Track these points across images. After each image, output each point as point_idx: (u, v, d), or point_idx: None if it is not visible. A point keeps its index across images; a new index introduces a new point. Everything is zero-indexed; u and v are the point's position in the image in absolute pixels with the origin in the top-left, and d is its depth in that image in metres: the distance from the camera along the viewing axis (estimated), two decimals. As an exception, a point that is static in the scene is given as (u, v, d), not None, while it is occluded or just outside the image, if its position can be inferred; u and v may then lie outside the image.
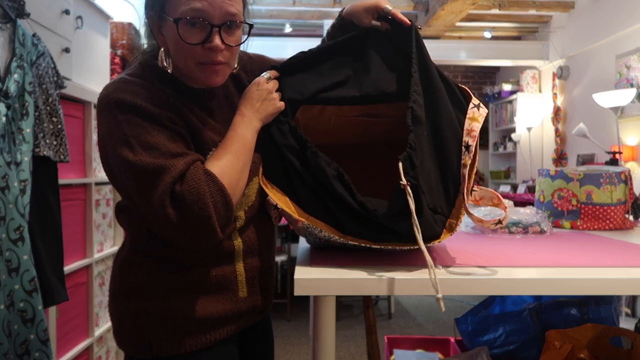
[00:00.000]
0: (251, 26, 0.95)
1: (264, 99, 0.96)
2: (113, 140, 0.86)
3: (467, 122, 0.95)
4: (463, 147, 0.94)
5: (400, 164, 0.86)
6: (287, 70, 1.01)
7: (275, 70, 1.00)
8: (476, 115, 0.95)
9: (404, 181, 0.85)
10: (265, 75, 0.99)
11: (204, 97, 0.98)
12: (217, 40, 0.88)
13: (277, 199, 0.95)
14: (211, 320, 0.95)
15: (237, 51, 0.96)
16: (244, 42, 0.95)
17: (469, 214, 0.91)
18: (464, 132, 0.94)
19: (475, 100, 0.98)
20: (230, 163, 0.89)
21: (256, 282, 1.01)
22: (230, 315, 0.98)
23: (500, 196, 0.93)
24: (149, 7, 0.93)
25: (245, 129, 0.93)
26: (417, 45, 0.98)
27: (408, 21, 0.98)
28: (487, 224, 0.90)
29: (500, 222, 0.88)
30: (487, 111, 0.97)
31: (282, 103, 0.97)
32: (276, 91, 0.99)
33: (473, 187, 0.95)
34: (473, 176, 0.95)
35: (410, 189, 0.85)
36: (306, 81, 1.00)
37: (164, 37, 0.93)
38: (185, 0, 0.86)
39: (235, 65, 0.99)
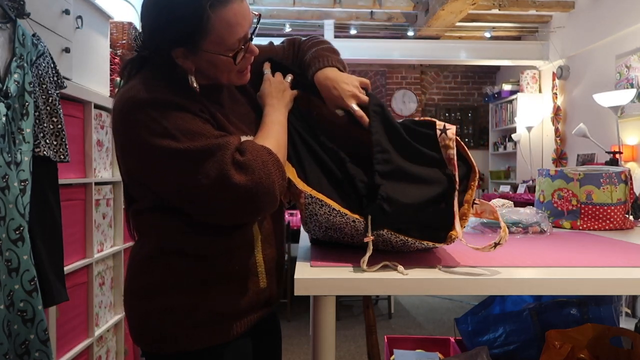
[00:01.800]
0: (259, 16, 1.01)
1: (281, 89, 1.07)
2: (151, 138, 0.87)
3: (442, 151, 0.98)
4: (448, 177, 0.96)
5: (370, 218, 0.93)
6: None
7: (269, 63, 1.12)
8: (447, 141, 0.97)
9: (369, 237, 0.92)
10: (267, 71, 1.11)
11: (212, 93, 1.01)
12: (254, 48, 0.99)
13: (286, 170, 1.00)
14: (234, 311, 0.98)
15: None
16: (255, 31, 0.99)
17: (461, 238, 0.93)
18: (444, 163, 0.97)
19: (439, 125, 0.99)
20: (276, 142, 0.97)
21: (273, 272, 1.06)
22: (252, 305, 1.01)
23: (497, 213, 0.97)
24: (176, 44, 0.92)
25: (278, 115, 1.03)
26: (374, 112, 1.01)
27: (367, 121, 1.02)
28: (484, 250, 0.90)
29: (497, 244, 0.88)
30: (454, 128, 0.98)
31: (295, 90, 1.09)
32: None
33: (475, 200, 0.99)
34: (474, 188, 0.99)
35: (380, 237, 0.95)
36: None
37: (191, 62, 0.94)
38: (229, 35, 0.91)
39: None
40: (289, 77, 1.10)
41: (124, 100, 0.91)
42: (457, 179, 0.95)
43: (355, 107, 1.02)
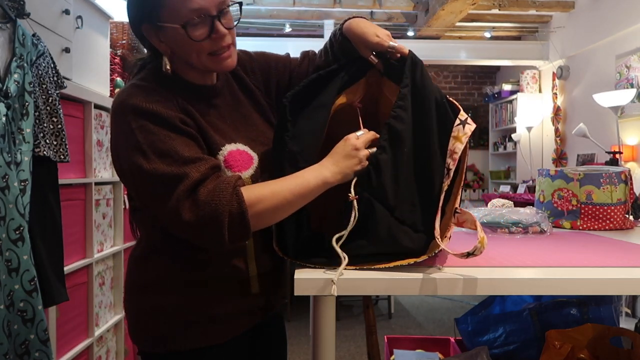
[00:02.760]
0: (241, 3, 0.97)
1: (346, 154, 0.93)
2: (127, 147, 0.89)
3: (451, 141, 0.92)
4: (445, 169, 0.91)
5: (355, 179, 0.89)
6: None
7: (368, 131, 0.99)
8: (460, 134, 0.91)
9: (352, 195, 0.88)
10: (359, 132, 0.98)
11: (210, 95, 1.01)
12: (221, 28, 0.92)
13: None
14: (225, 315, 0.98)
15: (234, 29, 0.98)
16: (239, 19, 0.97)
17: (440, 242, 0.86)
18: (447, 152, 0.92)
19: (462, 115, 0.94)
20: (272, 196, 0.88)
21: (268, 278, 1.04)
22: (244, 310, 1.01)
23: (479, 224, 0.88)
24: (142, 21, 0.94)
25: (311, 174, 0.92)
26: (411, 64, 0.97)
27: (406, 51, 1.00)
28: (458, 256, 0.84)
29: (470, 254, 0.82)
30: (473, 127, 0.93)
31: (366, 162, 0.93)
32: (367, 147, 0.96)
33: (456, 209, 0.91)
34: (459, 197, 0.93)
35: (361, 204, 0.88)
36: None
37: (164, 44, 0.95)
38: (182, 4, 0.89)
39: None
40: (360, 132, 0.97)
41: (116, 101, 0.93)
42: (450, 175, 0.90)
43: (394, 43, 0.99)
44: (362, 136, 0.96)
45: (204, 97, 0.99)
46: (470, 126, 0.93)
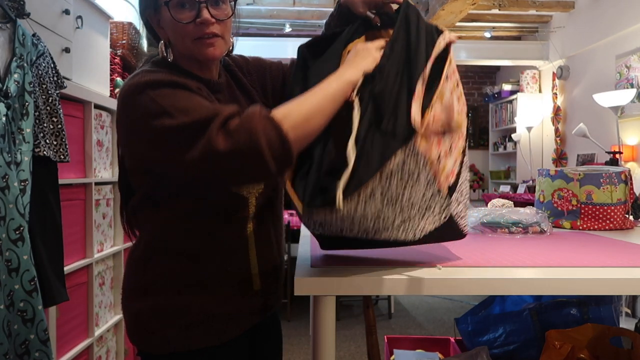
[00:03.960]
0: (235, 0, 0.99)
1: (361, 55, 0.94)
2: (148, 119, 0.87)
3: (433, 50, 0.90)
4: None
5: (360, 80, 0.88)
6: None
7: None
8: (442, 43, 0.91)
9: (353, 96, 0.86)
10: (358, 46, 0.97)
11: (212, 89, 1.02)
12: (205, 14, 0.93)
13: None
14: (226, 315, 0.98)
15: (229, 26, 0.99)
16: (232, 15, 0.99)
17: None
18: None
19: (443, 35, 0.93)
20: (298, 106, 0.88)
21: (269, 275, 1.04)
22: (244, 311, 1.01)
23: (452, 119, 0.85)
24: (145, 7, 0.99)
25: (331, 78, 0.91)
26: (405, 6, 0.96)
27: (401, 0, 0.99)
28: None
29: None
30: (451, 36, 0.93)
31: (379, 55, 0.92)
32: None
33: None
34: (450, 80, 0.90)
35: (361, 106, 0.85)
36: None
37: (163, 29, 0.99)
38: None
39: (232, 41, 1.03)
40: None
41: (127, 85, 0.93)
42: (426, 73, 0.87)
43: None
44: (374, 42, 0.96)
45: (207, 89, 1.01)
46: (446, 34, 0.93)
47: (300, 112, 0.86)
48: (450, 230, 0.96)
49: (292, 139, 0.83)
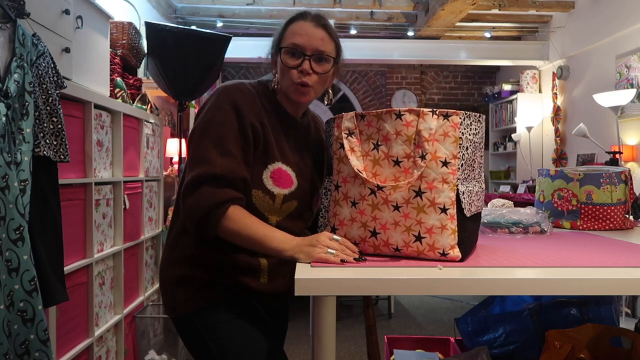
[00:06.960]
0: (336, 61, 1.22)
1: (310, 244, 1.00)
2: (206, 114, 1.14)
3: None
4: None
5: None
6: None
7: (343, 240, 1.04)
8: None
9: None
10: (336, 236, 1.02)
11: (290, 124, 1.24)
12: (306, 65, 1.16)
13: None
14: (240, 290, 1.18)
15: (324, 80, 1.20)
16: (329, 71, 1.20)
17: None
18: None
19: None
20: (244, 227, 1.07)
21: (277, 271, 1.20)
22: (255, 291, 1.19)
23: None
24: (272, 47, 1.25)
25: (280, 238, 1.06)
26: None
27: None
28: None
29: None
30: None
31: (320, 256, 0.97)
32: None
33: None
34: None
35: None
36: None
37: (277, 67, 1.22)
38: (291, 36, 1.18)
39: (325, 96, 1.29)
40: (338, 237, 1.03)
41: (222, 85, 1.19)
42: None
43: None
44: (335, 241, 1.00)
45: (284, 122, 1.22)
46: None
47: (241, 228, 1.07)
48: None
49: (219, 231, 1.08)
